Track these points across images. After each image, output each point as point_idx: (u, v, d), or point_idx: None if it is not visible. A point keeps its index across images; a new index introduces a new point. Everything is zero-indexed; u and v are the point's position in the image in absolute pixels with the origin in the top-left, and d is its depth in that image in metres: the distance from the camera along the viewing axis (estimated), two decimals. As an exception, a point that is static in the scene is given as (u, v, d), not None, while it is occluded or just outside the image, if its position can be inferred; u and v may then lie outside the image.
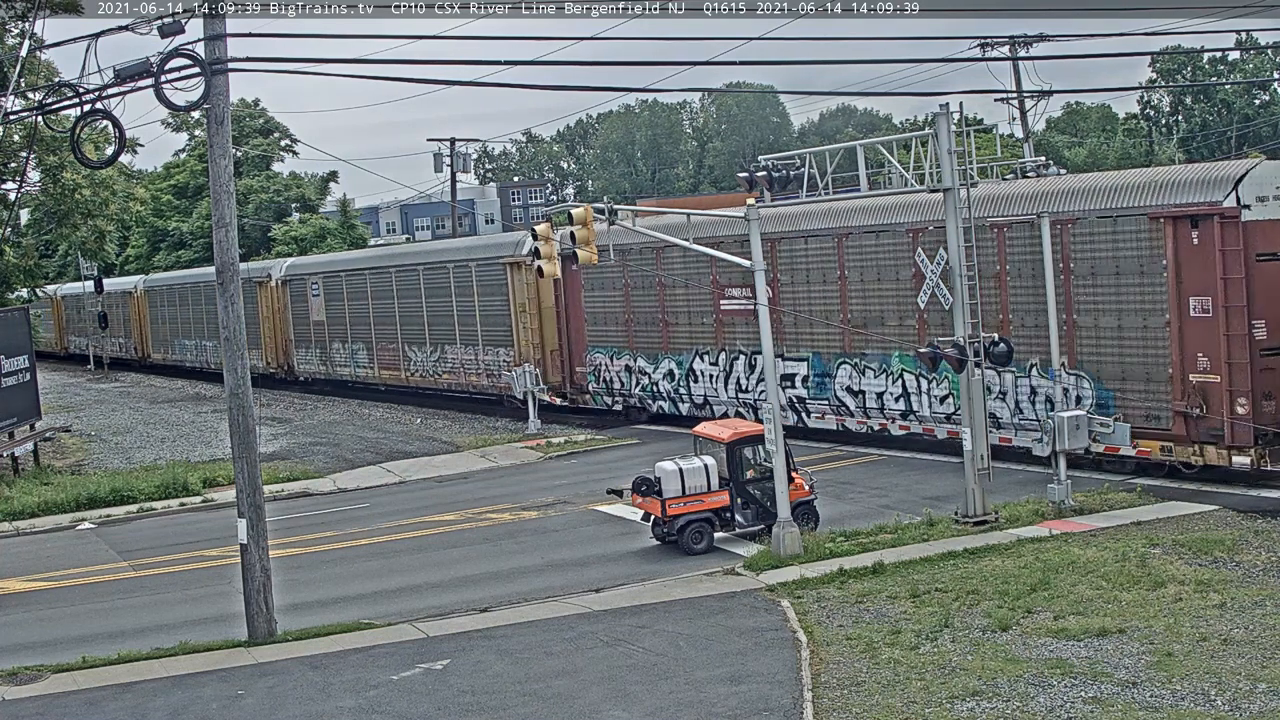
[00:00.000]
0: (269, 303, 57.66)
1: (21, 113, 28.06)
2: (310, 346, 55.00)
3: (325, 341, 53.74)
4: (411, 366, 47.41)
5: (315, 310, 54.26)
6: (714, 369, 34.67)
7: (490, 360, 42.71)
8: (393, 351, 48.47)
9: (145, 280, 75.34)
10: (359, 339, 51.00)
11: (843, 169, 25.43)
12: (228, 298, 19.61)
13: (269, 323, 57.85)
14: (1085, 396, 25.44)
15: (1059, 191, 26.58)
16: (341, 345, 52.39)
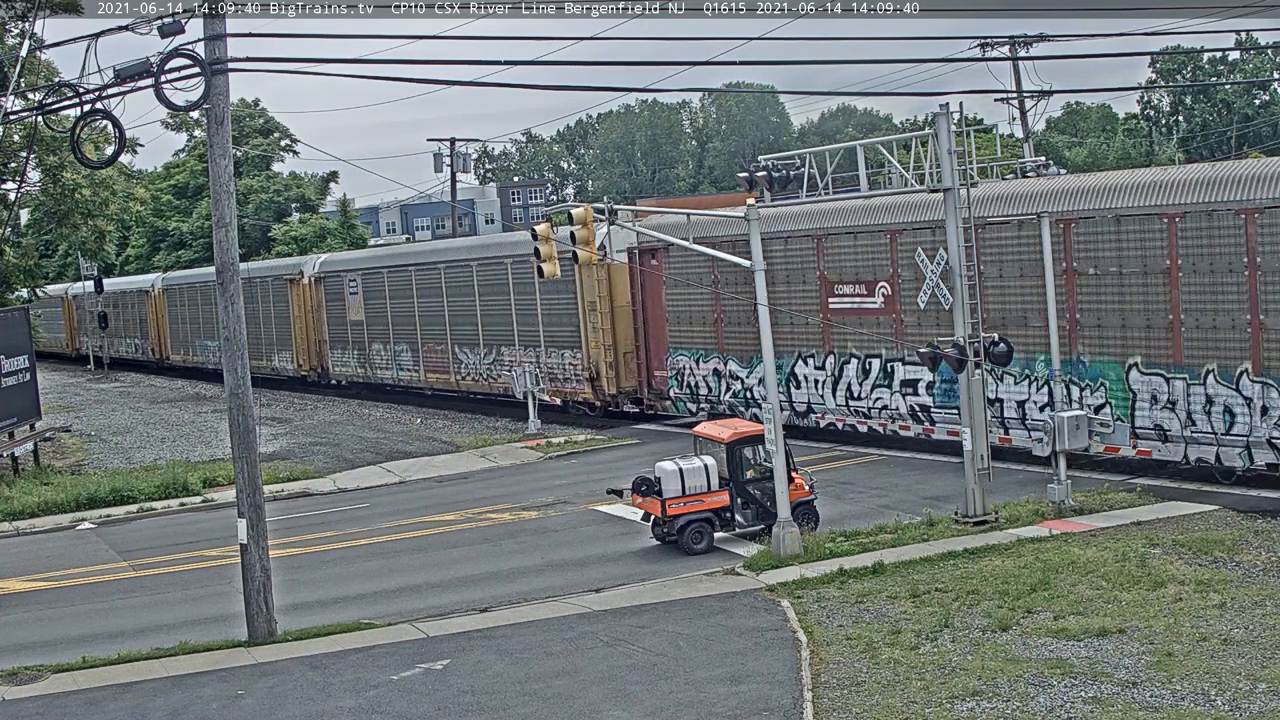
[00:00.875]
0: (301, 301, 54.76)
1: (21, 113, 28.06)
2: (347, 348, 52.18)
3: (364, 342, 50.90)
4: (462, 369, 44.58)
5: (353, 309, 51.22)
6: (819, 373, 31.50)
7: (554, 364, 39.80)
8: (440, 353, 45.57)
9: (164, 278, 71.94)
10: (402, 340, 48.09)
11: (843, 169, 25.44)
12: (228, 298, 19.59)
13: (300, 322, 55.02)
14: (1274, 407, 22.62)
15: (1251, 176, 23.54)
16: (382, 347, 49.55)
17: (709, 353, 35.02)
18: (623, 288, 37.58)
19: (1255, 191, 22.83)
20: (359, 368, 51.22)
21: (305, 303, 54.44)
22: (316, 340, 54.40)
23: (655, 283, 36.30)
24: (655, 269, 35.63)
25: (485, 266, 43.12)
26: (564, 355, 39.29)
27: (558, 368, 39.58)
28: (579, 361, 38.53)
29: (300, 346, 55.12)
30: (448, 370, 45.19)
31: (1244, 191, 23.00)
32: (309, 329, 54.69)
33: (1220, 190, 23.39)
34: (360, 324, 50.79)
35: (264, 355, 56.71)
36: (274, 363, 57.18)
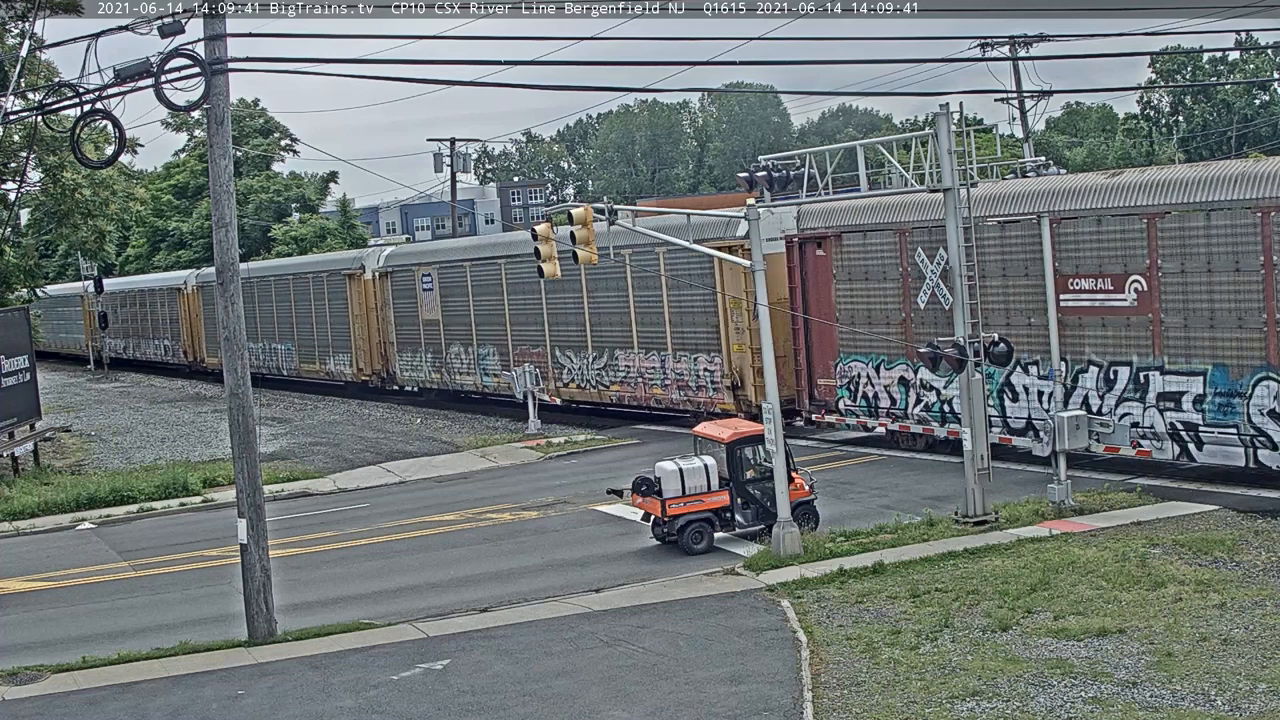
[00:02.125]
0: (362, 299, 49.95)
1: (21, 113, 28.06)
2: (418, 350, 46.84)
3: (440, 345, 45.74)
4: (565, 375, 39.75)
5: (427, 307, 46.04)
6: (1044, 384, 26.35)
7: (684, 370, 34.86)
8: (538, 357, 40.76)
9: (199, 275, 66.18)
10: (488, 342, 43.16)
11: (843, 169, 25.43)
12: (228, 298, 19.57)
13: (361, 322, 50.10)
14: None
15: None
16: (463, 350, 44.58)
17: (894, 358, 29.44)
18: (776, 282, 31.45)
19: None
20: (434, 373, 45.95)
21: (367, 300, 49.74)
22: (381, 342, 49.56)
23: (822, 276, 31.12)
24: (822, 259, 30.65)
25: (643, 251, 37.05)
26: (697, 360, 34.71)
27: (689, 374, 34.94)
28: (717, 367, 33.87)
29: (361, 348, 50.42)
30: (547, 376, 40.16)
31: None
32: (371, 329, 49.94)
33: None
34: (435, 324, 45.73)
35: (317, 358, 53.74)
36: (328, 366, 53.25)
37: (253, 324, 56.93)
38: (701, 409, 34.36)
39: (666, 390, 35.74)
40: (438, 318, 45.68)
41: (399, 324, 48.05)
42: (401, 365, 48.24)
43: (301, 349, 55.04)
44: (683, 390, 35.31)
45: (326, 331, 52.96)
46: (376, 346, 49.80)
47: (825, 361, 31.41)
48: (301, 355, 55.17)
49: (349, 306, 50.56)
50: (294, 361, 55.88)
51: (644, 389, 36.72)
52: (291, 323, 55.63)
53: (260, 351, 57.80)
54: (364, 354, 50.38)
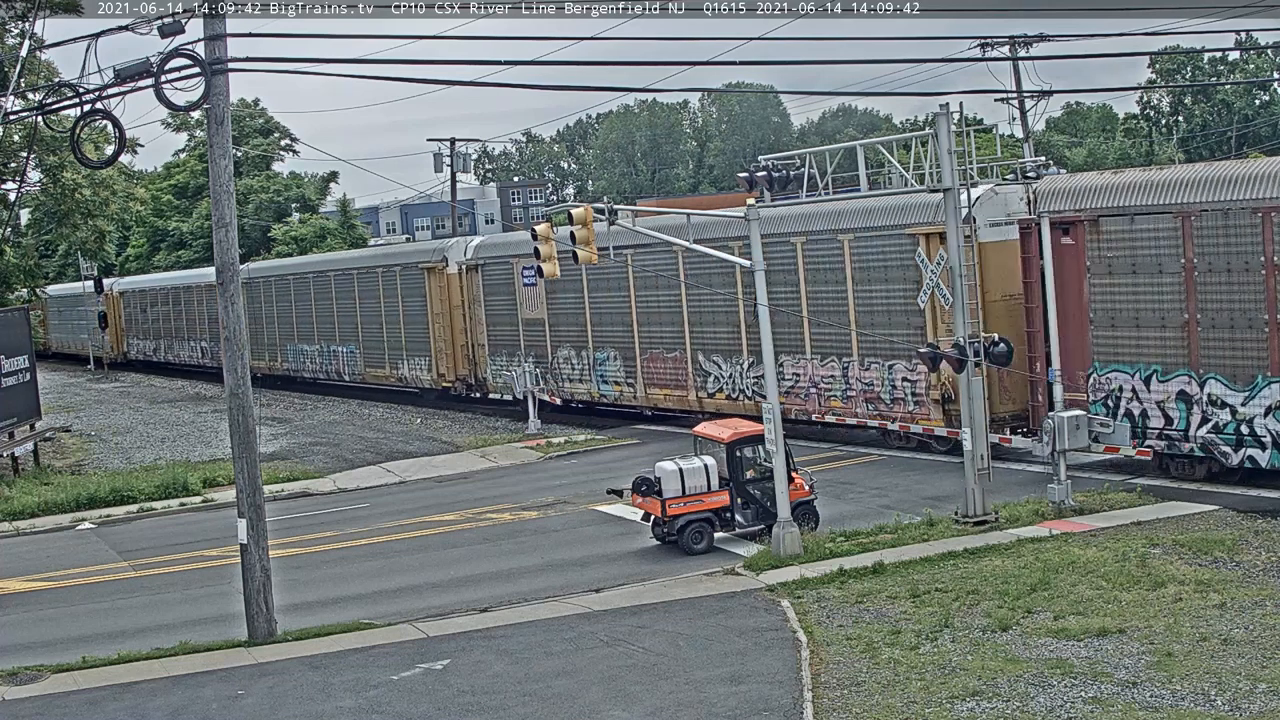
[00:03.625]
0: (444, 295, 44.75)
1: (21, 113, 28.08)
2: (516, 353, 41.40)
3: (545, 347, 40.30)
4: (710, 384, 34.30)
5: (529, 304, 40.79)
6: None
7: (876, 378, 29.70)
8: (674, 363, 35.29)
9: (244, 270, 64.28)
10: (608, 344, 37.92)
11: (843, 169, 25.44)
12: (228, 298, 19.56)
13: (442, 321, 44.90)
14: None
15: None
16: (575, 353, 39.27)
17: (1171, 368, 24.25)
18: (1002, 274, 27.33)
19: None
20: (537, 379, 40.60)
21: (450, 297, 44.61)
22: (467, 344, 44.17)
23: (1071, 268, 25.55)
24: (1070, 249, 25.53)
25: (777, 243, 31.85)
26: (893, 368, 29.22)
27: (882, 383, 29.50)
28: (921, 376, 28.49)
29: (442, 351, 45.13)
30: (686, 385, 35.02)
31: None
32: (455, 330, 44.71)
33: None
34: (539, 323, 40.50)
35: (387, 363, 48.58)
36: (401, 371, 47.80)
37: (307, 323, 53.77)
38: (897, 426, 29.42)
39: (849, 403, 30.26)
40: (542, 317, 40.32)
41: (491, 324, 42.81)
42: (493, 370, 42.84)
43: (368, 352, 49.90)
44: (871, 403, 29.94)
45: (399, 332, 47.54)
46: (461, 349, 44.52)
47: (1071, 371, 25.47)
48: (368, 359, 50.03)
49: (428, 304, 45.28)
50: (358, 365, 50.66)
51: (818, 401, 30.89)
52: (356, 322, 50.37)
53: (317, 354, 53.43)
54: (446, 357, 45.05)
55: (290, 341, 55.41)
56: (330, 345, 52.29)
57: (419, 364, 46.59)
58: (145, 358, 71.01)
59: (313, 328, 53.15)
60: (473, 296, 43.57)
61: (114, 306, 74.54)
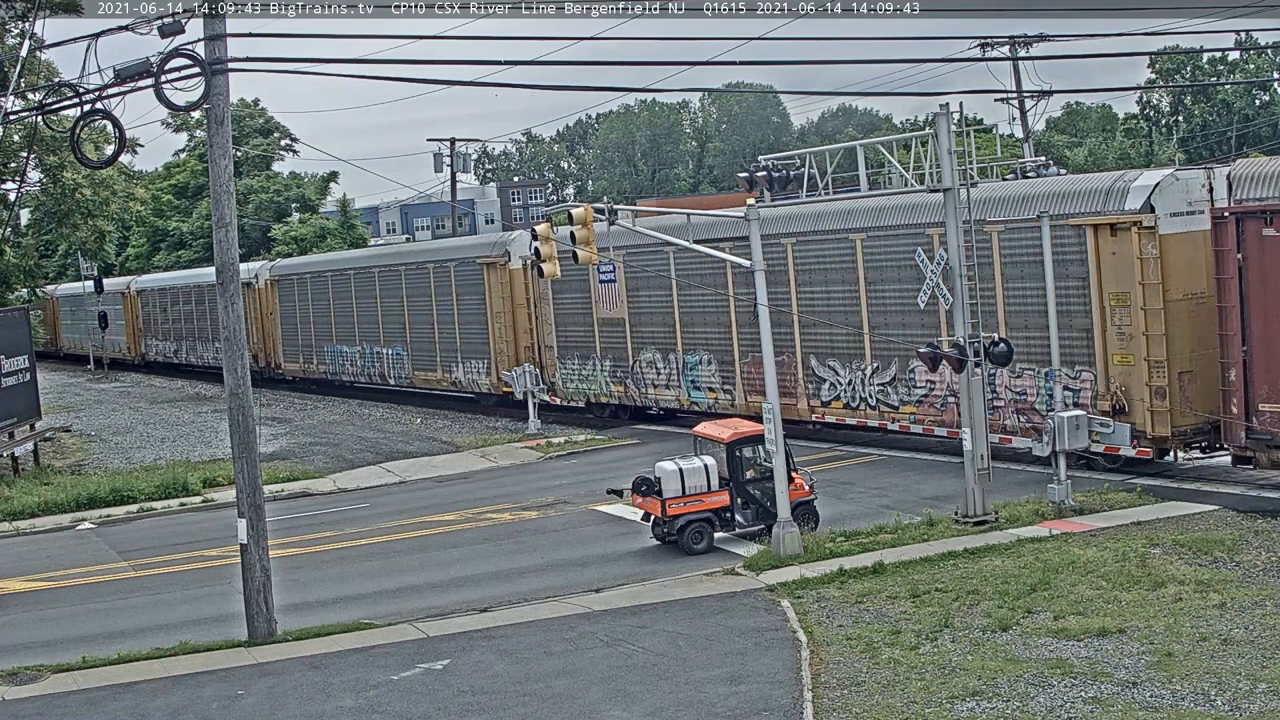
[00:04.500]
0: (505, 293, 41.47)
1: (21, 113, 28.08)
2: (590, 357, 38.53)
3: (625, 349, 37.23)
4: (825, 391, 30.98)
5: (607, 303, 37.67)
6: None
7: (1030, 387, 26.35)
8: (781, 368, 30.01)
9: (274, 267, 58.06)
10: (702, 346, 34.58)
11: (843, 169, 25.43)
12: (228, 298, 19.56)
13: (504, 321, 41.83)
14: None
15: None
16: (661, 356, 35.94)
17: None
18: (1184, 270, 24.44)
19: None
20: (613, 384, 37.58)
21: (514, 294, 41.49)
22: (533, 345, 41.23)
23: (1274, 263, 22.53)
24: (1274, 240, 22.55)
25: (879, 239, 29.25)
26: (1051, 374, 25.59)
27: (1037, 392, 26.41)
28: (1086, 385, 25.52)
29: (502, 353, 41.96)
30: (793, 392, 31.37)
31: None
32: (519, 330, 41.59)
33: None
34: (618, 323, 37.38)
35: (439, 366, 45.18)
36: (455, 374, 44.36)
37: (348, 323, 50.44)
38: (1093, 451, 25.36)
39: (996, 414, 26.31)
40: (622, 316, 37.10)
41: (561, 324, 39.58)
42: (564, 375, 39.64)
43: (417, 354, 46.50)
44: (1024, 414, 26.51)
45: (453, 333, 44.19)
46: (526, 351, 41.40)
47: (1276, 379, 22.42)
48: (417, 361, 46.54)
49: (486, 302, 41.98)
50: (405, 369, 47.13)
51: (956, 411, 26.38)
52: (403, 322, 46.86)
53: (358, 356, 49.84)
54: (507, 360, 41.63)
55: (328, 343, 51.95)
56: (374, 347, 48.83)
57: (476, 367, 43.36)
58: (165, 359, 67.86)
59: (354, 328, 49.86)
60: (540, 294, 40.16)
61: (131, 306, 71.93)
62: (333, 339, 51.64)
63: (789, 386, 31.40)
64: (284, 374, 55.84)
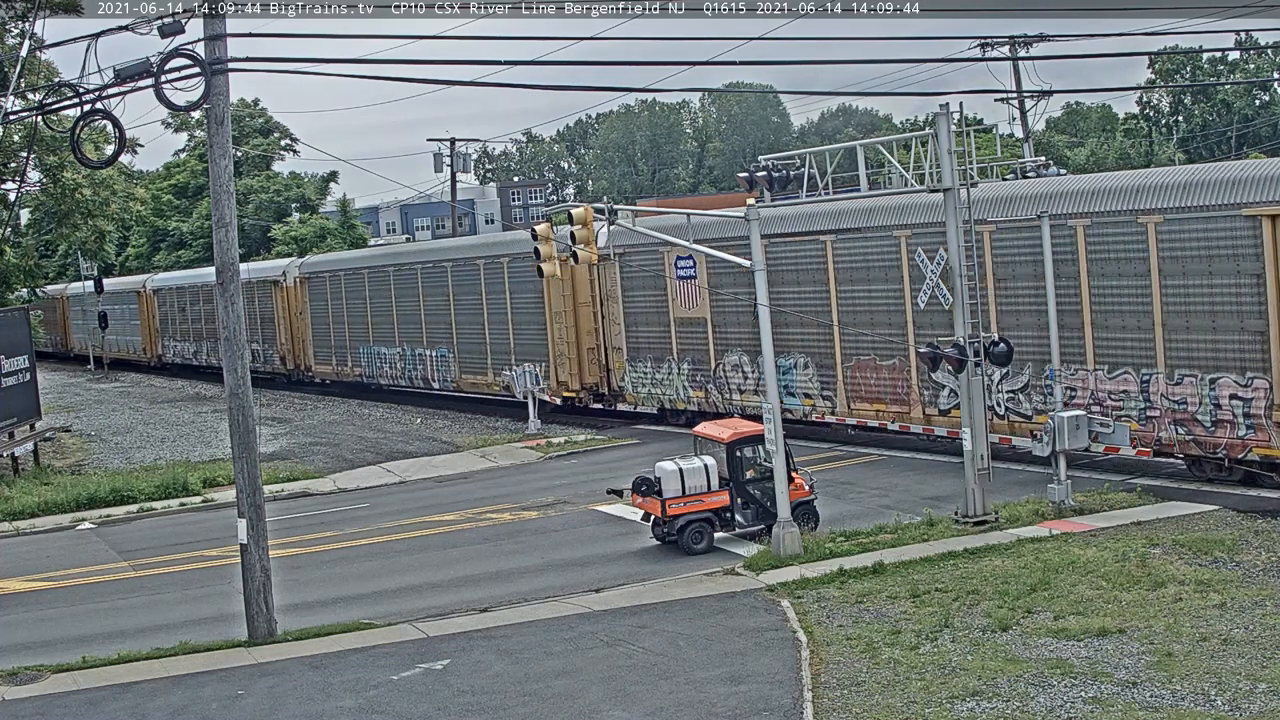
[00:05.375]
0: (566, 291, 38.81)
1: (21, 113, 28.09)
2: (666, 359, 35.92)
3: (705, 351, 34.46)
4: (947, 398, 27.97)
5: (685, 301, 34.94)
6: None
7: (1190, 395, 23.75)
8: (893, 372, 29.29)
9: (303, 264, 55.02)
10: (798, 349, 31.83)
11: (843, 169, 25.43)
12: (228, 298, 19.56)
13: (564, 321, 38.94)
14: None
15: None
16: (748, 359, 33.11)
17: None
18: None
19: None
20: (692, 389, 34.87)
21: (576, 293, 38.99)
22: (598, 347, 38.48)
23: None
24: None
25: (1011, 231, 26.48)
26: (1215, 383, 23.27)
27: (1198, 403, 23.60)
28: (1259, 394, 22.69)
29: (562, 355, 39.18)
30: (905, 399, 29.09)
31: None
32: (581, 331, 39.03)
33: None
34: (699, 323, 34.72)
35: (490, 369, 42.42)
36: (505, 377, 41.28)
37: (387, 323, 47.72)
38: (1220, 456, 23.53)
39: (1149, 425, 24.31)
40: (703, 315, 34.43)
41: (631, 323, 37.14)
42: (634, 379, 37.14)
43: (464, 356, 43.88)
44: (1182, 425, 23.96)
45: (505, 333, 41.62)
46: (590, 353, 38.65)
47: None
48: (465, 364, 43.88)
49: (545, 300, 39.33)
50: (451, 372, 44.47)
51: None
52: (449, 322, 44.29)
53: (398, 358, 47.18)
54: (568, 363, 38.96)
55: (364, 343, 49.13)
56: (416, 348, 46.03)
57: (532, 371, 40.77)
58: (184, 361, 65.41)
59: (393, 328, 47.06)
60: (606, 293, 37.54)
61: (147, 305, 69.82)
62: (369, 340, 48.93)
63: (901, 393, 29.10)
64: (315, 376, 53.59)
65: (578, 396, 39.25)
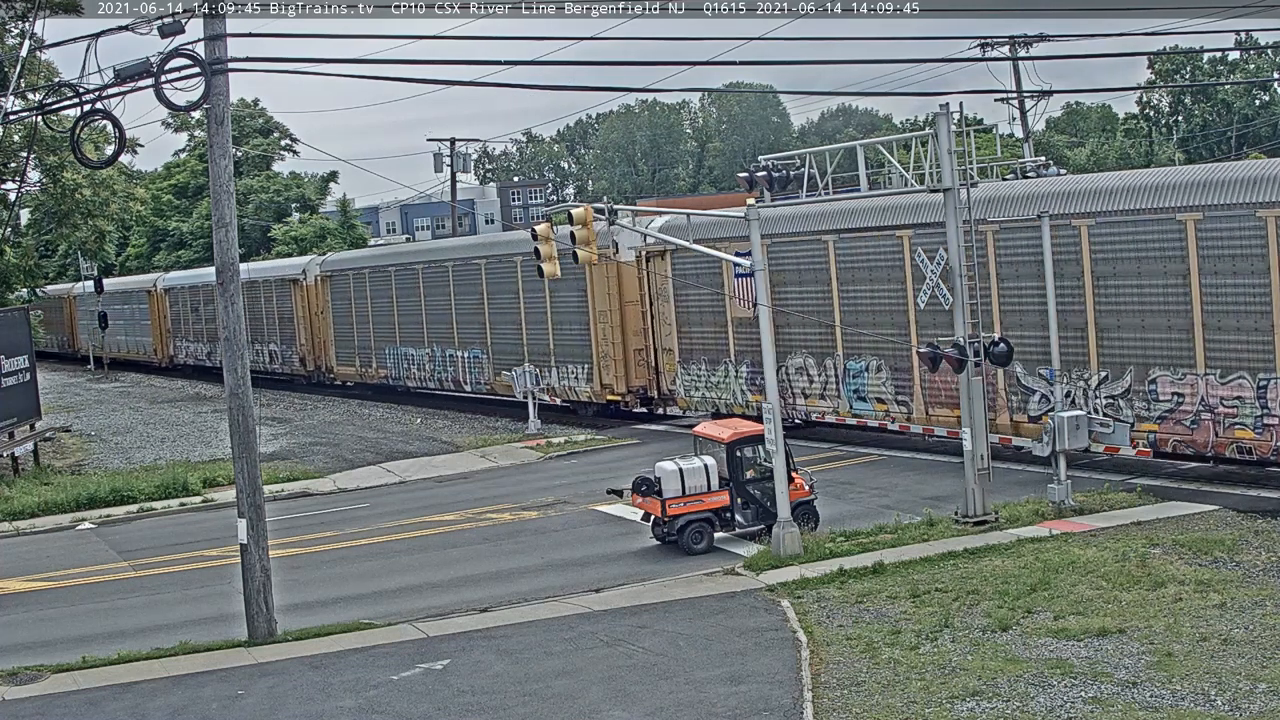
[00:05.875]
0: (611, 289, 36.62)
1: (21, 113, 28.09)
2: (722, 361, 34.14)
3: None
4: (1037, 404, 26.41)
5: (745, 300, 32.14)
6: None
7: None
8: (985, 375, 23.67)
9: (323, 262, 53.06)
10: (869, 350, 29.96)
11: (843, 169, 25.42)
12: (228, 298, 19.56)
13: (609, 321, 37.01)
14: None
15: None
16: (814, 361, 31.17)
17: None
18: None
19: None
20: (750, 393, 32.99)
21: (622, 291, 37.14)
22: (649, 348, 36.70)
23: None
24: None
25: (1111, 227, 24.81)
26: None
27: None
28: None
29: (608, 357, 37.42)
30: (991, 405, 25.86)
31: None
32: (628, 331, 37.19)
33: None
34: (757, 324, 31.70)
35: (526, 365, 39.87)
36: (549, 381, 39.91)
37: (414, 322, 46.06)
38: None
39: (1266, 434, 22.50)
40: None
41: (684, 324, 35.50)
42: (686, 382, 35.40)
43: (499, 357, 42.04)
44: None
45: (545, 333, 39.95)
46: (638, 355, 36.85)
47: None
48: (499, 365, 41.95)
49: (588, 299, 37.64)
50: (485, 374, 42.71)
51: (1213, 430, 23.26)
52: (483, 322, 42.53)
53: (426, 360, 45.47)
54: (614, 364, 37.12)
55: (389, 344, 47.32)
56: (446, 349, 44.18)
57: (574, 373, 38.89)
58: (197, 362, 63.68)
59: (422, 328, 45.35)
60: (656, 291, 35.85)
61: (158, 305, 68.11)
62: (396, 340, 47.09)
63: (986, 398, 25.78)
64: (337, 378, 51.97)
65: (623, 400, 37.64)
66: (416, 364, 46.23)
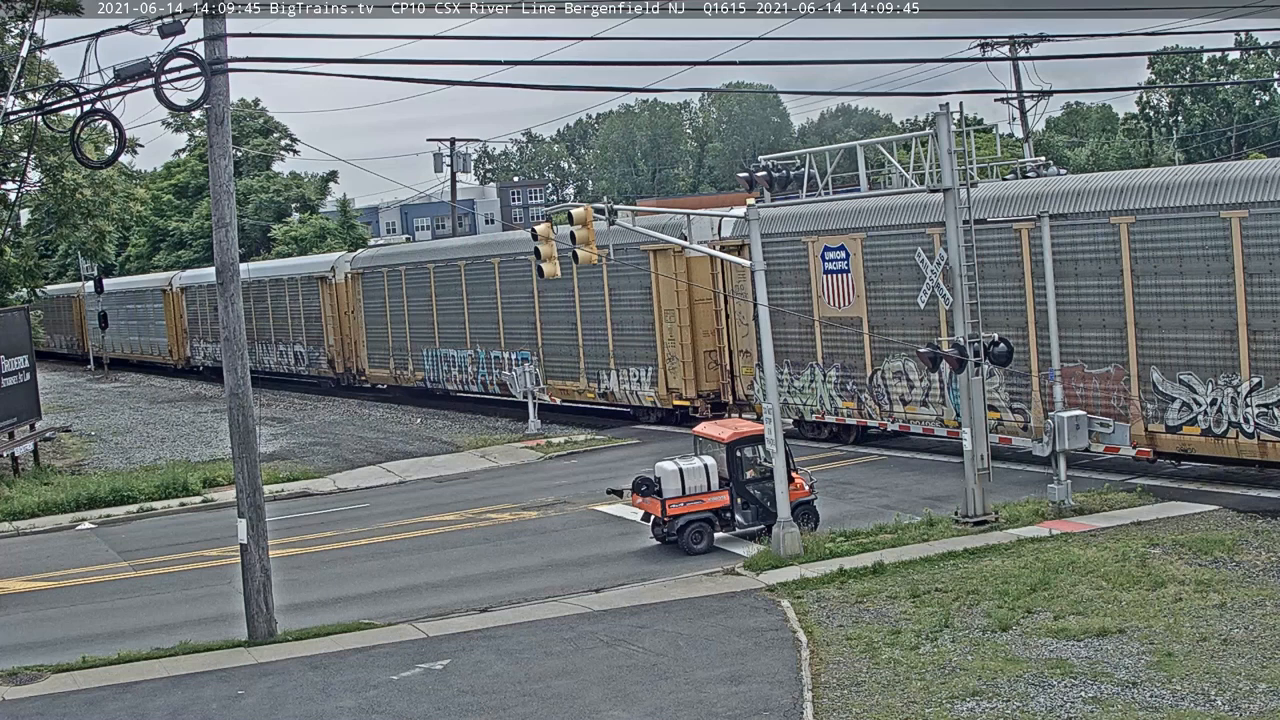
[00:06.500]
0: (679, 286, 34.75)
1: (21, 113, 28.07)
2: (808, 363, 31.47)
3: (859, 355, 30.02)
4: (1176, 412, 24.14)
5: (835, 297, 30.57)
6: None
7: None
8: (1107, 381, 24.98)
9: (354, 259, 50.72)
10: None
11: (843, 169, 25.43)
12: (228, 298, 19.55)
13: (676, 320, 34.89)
14: None
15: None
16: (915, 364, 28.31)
17: None
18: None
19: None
20: (840, 399, 30.76)
21: (690, 288, 34.97)
22: (722, 350, 34.42)
23: None
24: None
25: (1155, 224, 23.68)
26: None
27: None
28: None
29: (675, 359, 35.35)
30: (1122, 412, 24.73)
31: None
32: (699, 332, 34.99)
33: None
34: (853, 323, 30.20)
35: (583, 374, 38.49)
36: (607, 384, 37.88)
37: (456, 323, 43.77)
38: None
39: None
40: (859, 314, 29.99)
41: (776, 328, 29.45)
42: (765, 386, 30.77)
43: (552, 360, 39.86)
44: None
45: (604, 334, 37.64)
46: (709, 357, 34.59)
47: None
48: (552, 368, 39.74)
49: (653, 297, 35.45)
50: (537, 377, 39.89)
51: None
52: (534, 322, 40.22)
53: (469, 363, 43.12)
54: (683, 367, 34.92)
55: (428, 346, 45.05)
56: (492, 351, 41.83)
57: (636, 376, 36.65)
58: (215, 364, 56.82)
59: (464, 329, 43.06)
60: (735, 287, 33.17)
61: (174, 304, 66.02)
62: (435, 342, 44.74)
63: (1113, 406, 24.82)
64: (369, 381, 49.74)
65: (692, 405, 35.22)
66: (459, 367, 44.01)
